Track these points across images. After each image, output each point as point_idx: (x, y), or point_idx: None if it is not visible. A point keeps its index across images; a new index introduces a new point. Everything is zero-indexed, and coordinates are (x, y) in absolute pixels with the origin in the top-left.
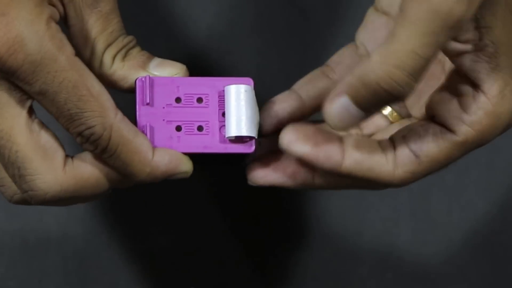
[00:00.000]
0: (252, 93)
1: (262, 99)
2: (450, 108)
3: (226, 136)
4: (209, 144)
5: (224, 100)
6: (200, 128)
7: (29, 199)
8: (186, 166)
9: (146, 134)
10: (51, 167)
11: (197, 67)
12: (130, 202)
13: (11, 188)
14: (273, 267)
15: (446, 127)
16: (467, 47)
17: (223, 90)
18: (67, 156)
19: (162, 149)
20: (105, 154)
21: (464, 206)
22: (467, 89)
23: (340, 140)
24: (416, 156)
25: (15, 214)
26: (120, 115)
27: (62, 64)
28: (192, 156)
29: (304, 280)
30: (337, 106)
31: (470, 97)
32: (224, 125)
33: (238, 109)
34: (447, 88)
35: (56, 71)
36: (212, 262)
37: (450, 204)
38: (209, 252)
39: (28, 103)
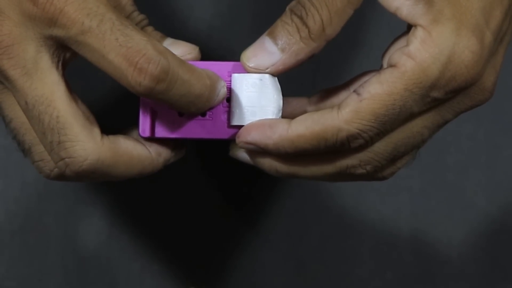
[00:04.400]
0: (267, 81)
1: None
2: (396, 47)
3: (231, 123)
4: (212, 130)
5: (229, 85)
6: (203, 114)
7: (65, 167)
8: (178, 155)
9: (147, 120)
10: (90, 135)
11: None
12: (130, 202)
13: (51, 162)
14: (273, 267)
15: (391, 65)
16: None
17: (228, 75)
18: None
19: (157, 146)
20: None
21: (464, 206)
22: (411, 31)
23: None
24: (358, 94)
25: (15, 214)
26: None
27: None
28: (193, 142)
29: (304, 279)
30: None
31: (410, 34)
32: (227, 111)
33: (245, 99)
34: (398, 38)
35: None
36: (212, 262)
37: (450, 204)
38: (209, 252)
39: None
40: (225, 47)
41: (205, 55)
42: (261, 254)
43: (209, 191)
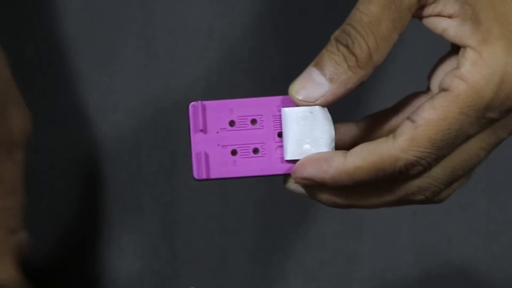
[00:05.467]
0: (318, 113)
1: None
2: (445, 70)
3: (285, 158)
4: (266, 167)
5: (279, 119)
6: (256, 151)
7: None
8: None
9: (201, 162)
10: None
11: (198, 67)
12: (130, 203)
13: None
14: (273, 267)
15: (443, 89)
16: (450, 20)
17: (277, 110)
18: None
19: None
20: None
21: (464, 206)
22: (460, 52)
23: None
24: (413, 121)
25: None
26: None
27: None
28: None
29: (304, 280)
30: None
31: (460, 56)
32: (281, 146)
33: (297, 132)
34: (444, 58)
35: None
36: (212, 262)
37: (450, 204)
38: (209, 252)
39: None
40: (225, 47)
41: (205, 55)
42: (261, 254)
43: (208, 191)
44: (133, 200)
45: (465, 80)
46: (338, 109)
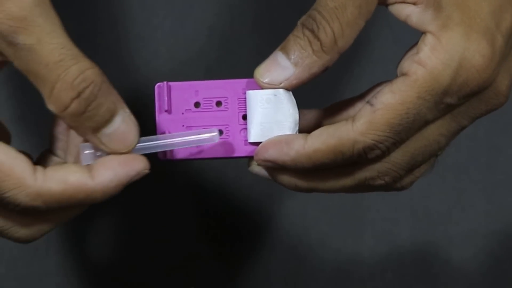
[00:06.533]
0: (282, 96)
1: None
2: (408, 56)
3: (249, 141)
4: (230, 149)
5: (244, 102)
6: (220, 133)
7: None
8: (140, 165)
9: None
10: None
11: (198, 67)
12: (130, 203)
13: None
14: (273, 267)
15: (402, 74)
16: (414, 6)
17: (243, 92)
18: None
19: (101, 168)
20: (51, 213)
21: (464, 206)
22: (421, 38)
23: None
24: (372, 105)
25: None
26: (39, 172)
27: None
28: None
29: (304, 280)
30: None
31: (420, 41)
32: (245, 128)
33: (261, 115)
34: (412, 47)
35: None
36: (212, 262)
37: (450, 204)
38: (209, 252)
39: None
40: (225, 47)
41: (205, 55)
42: (261, 254)
43: (208, 192)
44: (133, 201)
45: (423, 65)
46: (318, 99)
